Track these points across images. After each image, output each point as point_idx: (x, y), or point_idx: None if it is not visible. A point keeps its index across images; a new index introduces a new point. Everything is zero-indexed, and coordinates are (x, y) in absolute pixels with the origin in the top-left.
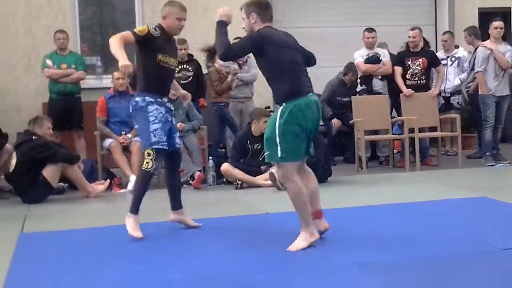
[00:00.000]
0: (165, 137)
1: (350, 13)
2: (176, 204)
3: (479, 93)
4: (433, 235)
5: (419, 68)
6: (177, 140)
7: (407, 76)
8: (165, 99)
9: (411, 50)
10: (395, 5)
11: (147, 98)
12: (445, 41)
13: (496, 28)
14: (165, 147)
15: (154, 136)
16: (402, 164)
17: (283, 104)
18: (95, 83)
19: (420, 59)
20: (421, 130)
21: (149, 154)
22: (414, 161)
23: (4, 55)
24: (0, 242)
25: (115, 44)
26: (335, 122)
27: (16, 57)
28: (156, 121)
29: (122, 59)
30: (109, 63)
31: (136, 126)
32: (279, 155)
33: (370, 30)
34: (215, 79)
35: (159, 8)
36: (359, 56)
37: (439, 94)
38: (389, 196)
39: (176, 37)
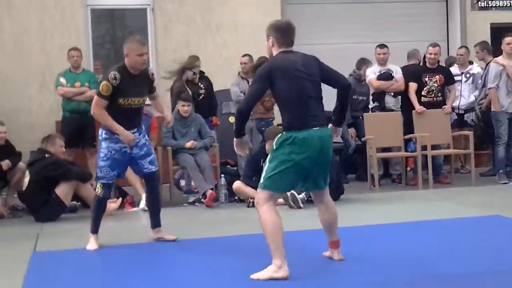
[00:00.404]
0: (113, 172)
1: (362, 29)
2: (154, 222)
3: (491, 109)
4: (447, 254)
5: (436, 85)
6: (148, 166)
7: (423, 93)
8: (129, 131)
9: (428, 66)
10: (408, 21)
11: (104, 134)
12: (461, 55)
13: (508, 44)
14: (108, 181)
15: (100, 171)
16: (415, 182)
17: (283, 133)
18: None
19: (437, 76)
20: (435, 147)
21: (100, 185)
22: (428, 179)
23: (18, 73)
24: (13, 260)
25: (103, 119)
26: (352, 133)
27: (30, 75)
28: (104, 158)
29: (122, 133)
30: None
31: None
32: (261, 181)
33: (382, 46)
34: (266, 95)
35: (171, 24)
36: (372, 72)
37: (453, 110)
38: (401, 215)
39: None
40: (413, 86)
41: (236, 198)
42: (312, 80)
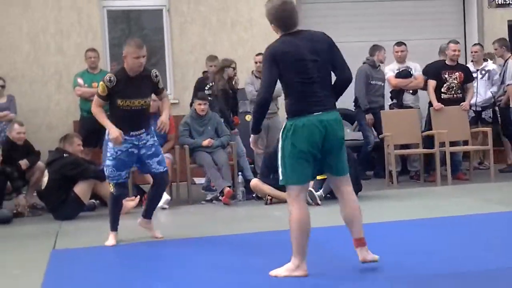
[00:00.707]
0: (119, 172)
1: (379, 27)
2: (147, 214)
3: (510, 106)
4: (466, 250)
5: (456, 82)
6: (156, 166)
7: (443, 90)
8: (133, 133)
9: (447, 63)
10: (425, 19)
11: (108, 136)
12: (475, 52)
13: None
14: (116, 180)
15: (107, 171)
16: (433, 179)
17: (286, 122)
18: None
19: (457, 73)
20: (453, 144)
21: (111, 183)
22: (446, 175)
23: (36, 73)
24: (32, 258)
25: (98, 117)
26: (369, 118)
27: (48, 75)
28: (110, 158)
29: (111, 132)
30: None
31: None
32: (281, 178)
33: (400, 43)
34: None
35: (187, 25)
36: (390, 70)
37: (470, 108)
38: (420, 211)
39: (208, 54)
40: (432, 83)
41: (253, 195)
42: (317, 62)
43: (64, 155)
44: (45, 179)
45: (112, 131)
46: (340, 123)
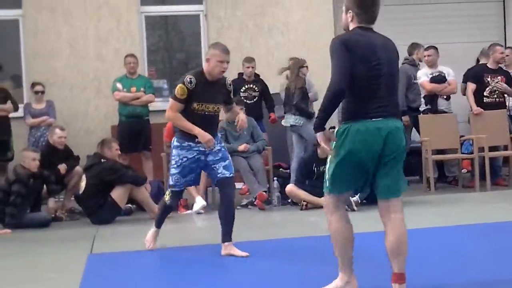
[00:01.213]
0: (184, 179)
1: (415, 30)
2: (224, 237)
3: None
4: (506, 258)
5: (499, 85)
6: (222, 170)
7: (486, 93)
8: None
9: (490, 67)
10: (465, 22)
11: (175, 142)
12: (507, 55)
13: None
14: (179, 188)
15: (171, 179)
16: (472, 184)
17: (340, 126)
18: (162, 106)
19: (499, 77)
20: (493, 148)
21: (169, 192)
22: (485, 181)
23: (75, 78)
24: (70, 262)
25: (177, 122)
26: (405, 120)
27: (87, 80)
28: (175, 165)
29: (199, 133)
30: (175, 86)
31: None
32: (326, 184)
33: (427, 48)
34: None
35: (224, 30)
36: (424, 75)
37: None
38: (458, 217)
39: (245, 56)
40: (471, 86)
41: (289, 201)
42: (388, 66)
43: (102, 160)
44: (83, 184)
45: (202, 134)
46: (402, 132)
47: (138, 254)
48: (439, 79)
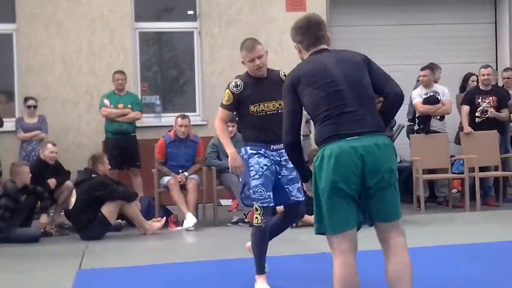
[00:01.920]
0: (268, 192)
1: (408, 50)
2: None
3: None
4: (495, 278)
5: (489, 106)
6: (296, 193)
7: (477, 114)
8: (274, 147)
9: (481, 88)
10: (456, 43)
11: (249, 150)
12: (509, 78)
13: None
14: (267, 204)
15: (254, 193)
16: (462, 204)
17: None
18: (154, 122)
19: (491, 97)
20: (484, 169)
21: (256, 209)
22: (475, 201)
23: (68, 93)
24: (59, 278)
25: (220, 134)
26: None
27: (79, 95)
28: (257, 176)
29: (232, 158)
30: (168, 102)
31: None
32: (315, 225)
33: (423, 68)
34: None
35: (217, 48)
36: (417, 95)
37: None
38: (448, 237)
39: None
40: (465, 108)
41: None
42: (346, 79)
43: (93, 175)
44: (73, 199)
45: (234, 158)
46: (387, 150)
47: (128, 271)
48: (432, 100)
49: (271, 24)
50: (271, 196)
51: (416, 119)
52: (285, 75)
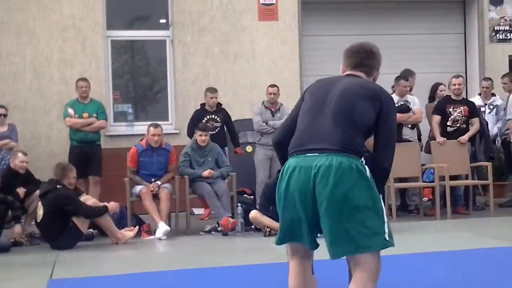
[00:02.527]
0: None
1: (383, 60)
2: None
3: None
4: (463, 285)
5: (461, 115)
6: None
7: (448, 123)
8: None
9: (453, 98)
10: (426, 53)
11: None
12: (487, 88)
13: None
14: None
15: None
16: (433, 213)
17: None
18: (127, 130)
19: (462, 107)
20: (455, 177)
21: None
22: (445, 209)
23: (39, 101)
24: None
25: None
26: None
27: (51, 103)
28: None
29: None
30: (141, 110)
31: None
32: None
33: (406, 79)
34: None
35: (190, 56)
36: None
37: (472, 143)
38: (419, 245)
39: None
40: (436, 118)
41: (253, 227)
42: (339, 101)
43: (58, 186)
44: (40, 211)
45: None
46: (346, 175)
47: (100, 280)
48: (404, 108)
49: (243, 33)
50: None
51: None
52: None
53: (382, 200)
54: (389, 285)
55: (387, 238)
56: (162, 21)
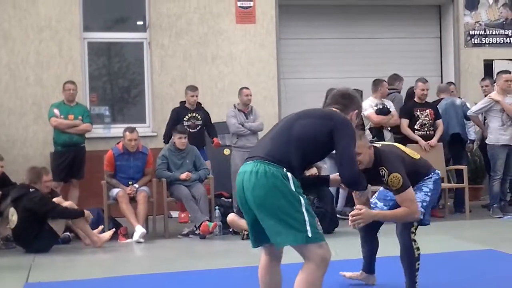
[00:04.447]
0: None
1: (357, 64)
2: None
3: (487, 144)
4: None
5: (428, 119)
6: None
7: (416, 127)
8: None
9: (418, 101)
10: (401, 57)
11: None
12: (487, 86)
13: (507, 80)
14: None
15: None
16: None
17: None
18: (104, 133)
19: (428, 110)
20: None
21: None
22: None
23: (14, 103)
24: None
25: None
26: None
27: (26, 106)
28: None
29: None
30: (118, 113)
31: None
32: None
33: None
34: None
35: (167, 58)
36: (370, 106)
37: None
38: (395, 248)
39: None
40: (405, 122)
41: (230, 230)
42: (292, 121)
43: (30, 189)
44: (14, 217)
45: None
46: (258, 178)
47: (76, 284)
48: (385, 111)
49: (221, 36)
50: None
51: (369, 131)
52: None
53: (305, 203)
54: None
55: (310, 235)
56: (140, 23)
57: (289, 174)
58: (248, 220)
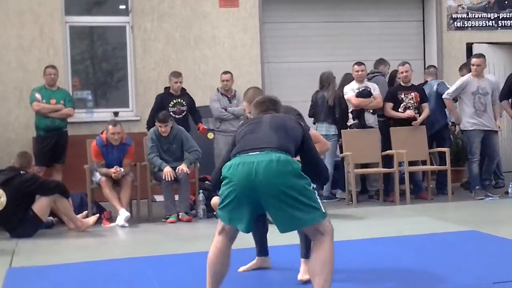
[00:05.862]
0: None
1: (340, 48)
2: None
3: (461, 129)
4: (424, 269)
5: (412, 102)
6: None
7: (400, 110)
8: None
9: (402, 85)
10: (385, 40)
11: None
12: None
13: (473, 65)
14: None
15: None
16: (393, 198)
17: None
18: (86, 117)
19: (413, 93)
20: (413, 163)
21: None
22: (405, 195)
23: None
24: None
25: None
26: None
27: (8, 90)
28: None
29: None
30: (101, 97)
31: None
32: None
33: (359, 63)
34: None
35: (150, 42)
36: (350, 90)
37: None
38: (379, 230)
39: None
40: (389, 105)
41: (214, 213)
42: (273, 123)
43: (21, 172)
44: (3, 199)
45: None
46: (285, 166)
47: (60, 268)
48: (366, 93)
49: (204, 19)
50: None
51: (350, 114)
52: None
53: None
54: (349, 269)
55: (324, 211)
56: (122, 7)
57: (295, 159)
58: (248, 209)
